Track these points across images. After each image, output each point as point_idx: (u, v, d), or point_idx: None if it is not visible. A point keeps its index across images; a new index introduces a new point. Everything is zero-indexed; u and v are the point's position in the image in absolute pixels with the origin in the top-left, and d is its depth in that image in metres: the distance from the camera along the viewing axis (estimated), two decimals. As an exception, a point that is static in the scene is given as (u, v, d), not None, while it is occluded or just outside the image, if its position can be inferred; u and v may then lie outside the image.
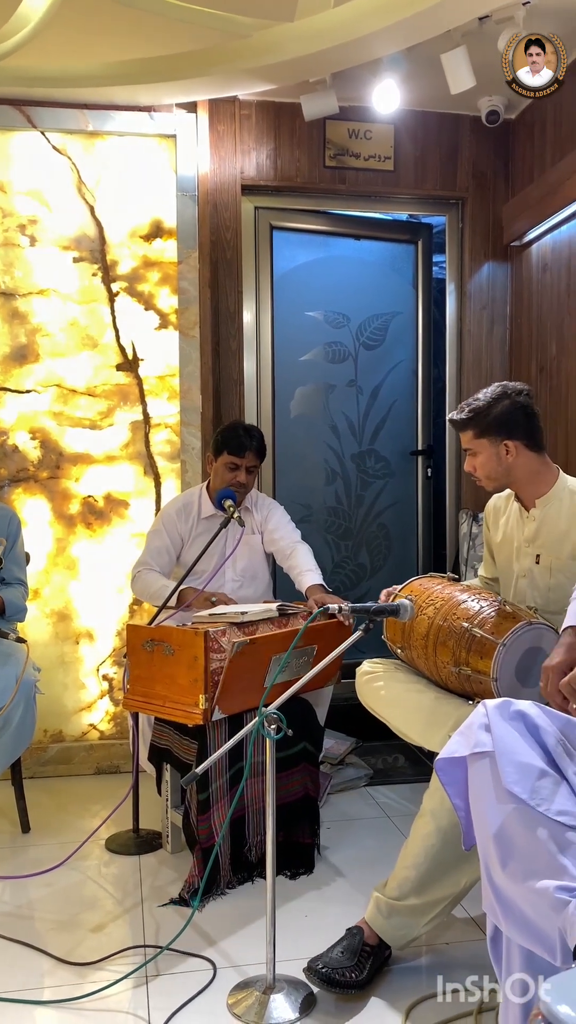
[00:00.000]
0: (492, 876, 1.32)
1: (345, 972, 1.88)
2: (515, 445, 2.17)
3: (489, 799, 1.34)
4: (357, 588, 3.98)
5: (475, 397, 2.22)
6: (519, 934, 1.27)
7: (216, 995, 1.91)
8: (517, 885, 1.26)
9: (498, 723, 1.38)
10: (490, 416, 2.17)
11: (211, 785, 2.34)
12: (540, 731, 1.37)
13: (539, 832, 1.26)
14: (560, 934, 1.18)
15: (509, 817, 1.30)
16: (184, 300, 3.35)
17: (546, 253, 3.45)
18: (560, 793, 1.30)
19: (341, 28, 2.73)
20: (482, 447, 2.20)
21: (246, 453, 2.84)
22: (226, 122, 3.49)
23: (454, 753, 1.44)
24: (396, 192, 3.72)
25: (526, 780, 1.30)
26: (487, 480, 2.24)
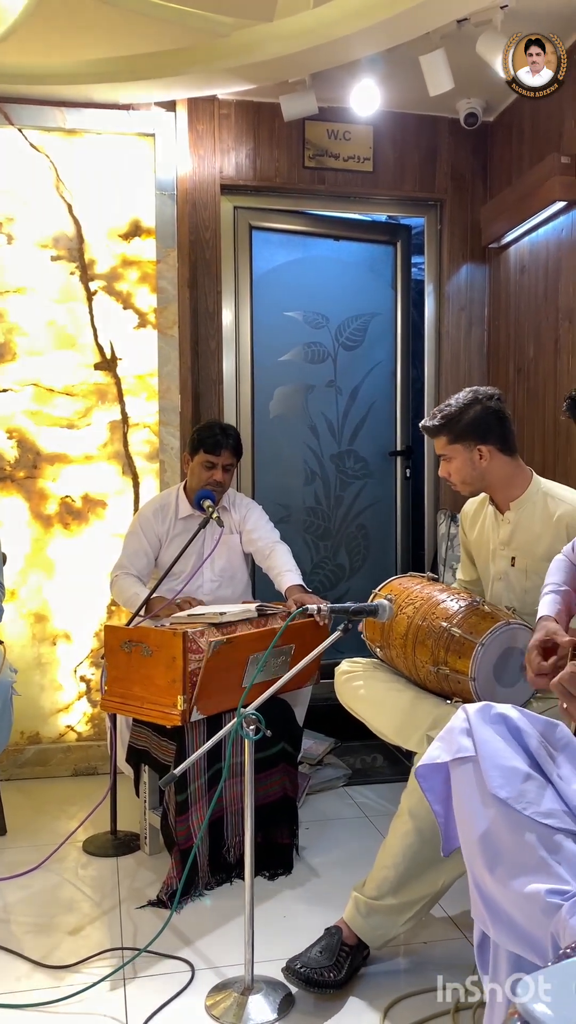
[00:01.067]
0: (479, 882, 1.32)
1: (323, 972, 1.88)
2: (488, 450, 2.18)
3: (474, 804, 1.33)
4: (336, 588, 3.99)
5: (447, 403, 2.23)
6: (508, 939, 1.27)
7: (194, 997, 1.90)
8: (506, 890, 1.26)
9: (480, 727, 1.37)
10: (463, 422, 2.18)
11: (189, 786, 2.33)
12: (522, 734, 1.37)
13: (527, 836, 1.26)
14: (552, 938, 1.17)
15: (495, 821, 1.29)
16: (163, 299, 3.34)
17: (524, 255, 3.47)
18: (546, 796, 1.29)
19: (320, 29, 2.73)
20: (456, 452, 2.21)
21: (222, 451, 2.83)
22: (205, 121, 3.49)
23: (435, 759, 1.43)
24: (375, 193, 3.73)
25: (511, 783, 1.30)
26: (462, 485, 2.25)
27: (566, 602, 1.73)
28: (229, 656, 2.33)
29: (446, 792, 1.44)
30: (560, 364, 3.17)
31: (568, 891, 1.18)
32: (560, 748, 1.37)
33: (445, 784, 1.44)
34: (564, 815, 1.27)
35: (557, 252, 3.18)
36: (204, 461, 2.84)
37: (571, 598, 1.75)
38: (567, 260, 3.10)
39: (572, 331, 3.07)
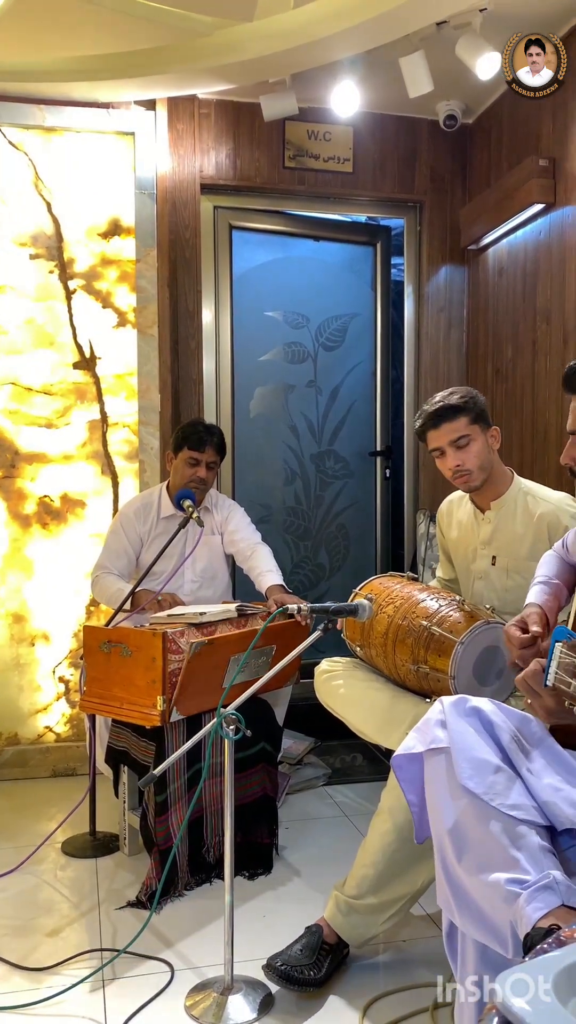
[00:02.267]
0: (447, 870, 1.34)
1: (303, 970, 1.89)
2: (497, 432, 2.22)
3: (444, 794, 1.36)
4: (316, 588, 3.99)
5: (451, 391, 2.21)
6: (473, 927, 1.29)
7: (174, 997, 1.90)
8: (471, 879, 1.28)
9: (454, 719, 1.39)
10: (478, 405, 2.20)
11: (169, 786, 2.32)
12: (495, 727, 1.39)
13: (492, 826, 1.28)
14: (511, 926, 1.20)
15: (464, 812, 1.32)
16: (142, 299, 3.33)
17: (502, 257, 3.49)
18: (514, 788, 1.31)
19: (300, 30, 2.74)
20: (477, 433, 2.17)
21: (206, 448, 2.83)
22: (185, 120, 3.48)
23: (411, 749, 1.45)
24: (355, 194, 3.74)
25: (481, 775, 1.32)
26: (479, 471, 2.18)
27: (554, 593, 1.74)
28: (210, 657, 2.33)
29: (421, 782, 1.46)
30: (538, 365, 3.19)
31: (527, 881, 1.20)
32: (534, 743, 1.39)
33: (420, 774, 1.46)
34: (530, 808, 1.29)
35: (535, 254, 3.20)
36: (188, 458, 2.84)
37: (560, 590, 1.76)
38: (544, 262, 3.13)
39: (550, 333, 3.10)
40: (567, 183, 2.94)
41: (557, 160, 3.01)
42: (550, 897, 1.16)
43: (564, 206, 2.97)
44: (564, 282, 2.98)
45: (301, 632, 2.61)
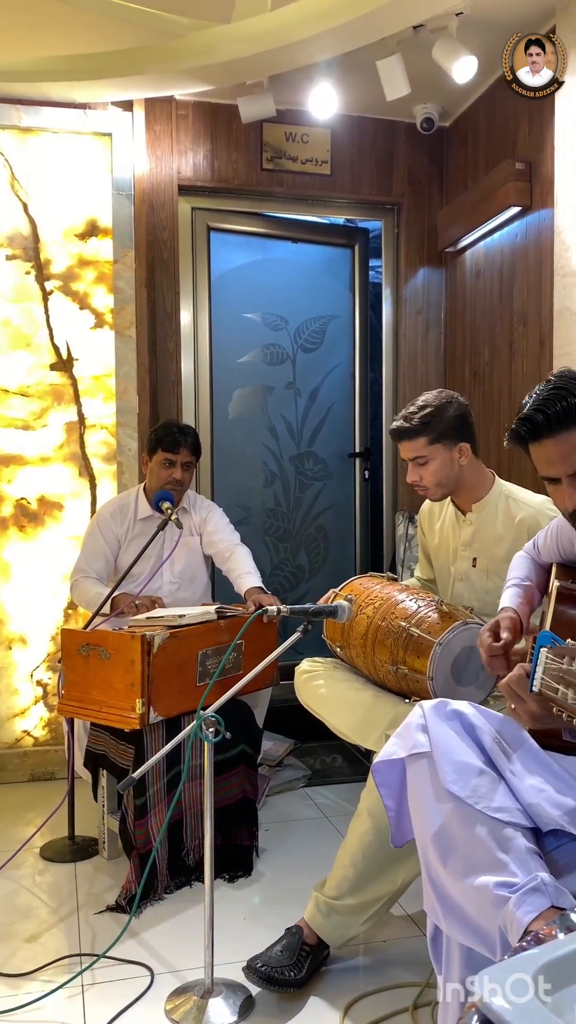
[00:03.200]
0: (432, 875, 1.33)
1: (284, 971, 1.89)
2: (467, 447, 2.19)
3: (428, 799, 1.35)
4: (295, 590, 4.00)
5: (420, 404, 2.18)
6: (460, 932, 1.29)
7: (154, 1001, 1.89)
8: (457, 883, 1.28)
9: (435, 723, 1.39)
10: (444, 421, 2.16)
11: (148, 790, 2.31)
12: (476, 730, 1.39)
13: (478, 830, 1.28)
14: (500, 931, 1.19)
15: (449, 816, 1.31)
16: (120, 300, 3.32)
17: (479, 260, 3.51)
18: (498, 791, 1.32)
19: (277, 32, 2.74)
20: (436, 453, 2.17)
21: (180, 449, 2.82)
22: (162, 122, 3.47)
23: (392, 755, 1.45)
24: (333, 196, 3.75)
25: (464, 779, 1.32)
26: (436, 488, 2.21)
27: (527, 596, 1.76)
28: (176, 652, 2.33)
29: (400, 788, 1.46)
30: (515, 367, 3.22)
31: (516, 884, 1.20)
32: (515, 745, 1.40)
33: (400, 780, 1.46)
34: (515, 810, 1.29)
35: (512, 257, 3.23)
36: (162, 460, 2.83)
37: (532, 593, 1.78)
38: (521, 265, 3.15)
39: (526, 335, 3.12)
40: (543, 186, 2.97)
41: (533, 163, 3.03)
42: (539, 899, 1.16)
43: (540, 209, 3.00)
44: (540, 285, 3.01)
45: (267, 628, 2.63)
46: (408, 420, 2.17)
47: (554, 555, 1.76)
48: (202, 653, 2.44)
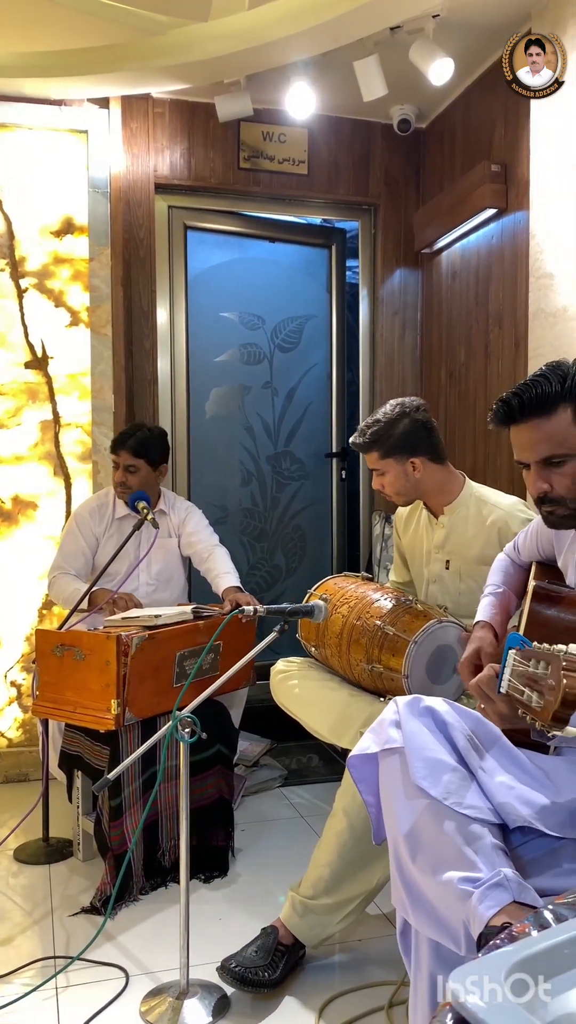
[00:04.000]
0: (402, 870, 1.34)
1: (258, 971, 1.88)
2: (420, 461, 2.20)
3: (399, 794, 1.36)
4: (272, 589, 3.99)
5: (374, 418, 2.22)
6: (427, 926, 1.30)
7: (128, 1003, 1.88)
8: (425, 878, 1.29)
9: (408, 719, 1.40)
10: (393, 437, 2.18)
11: (123, 791, 2.30)
12: (448, 727, 1.40)
13: (446, 826, 1.28)
14: (464, 925, 1.21)
15: (418, 812, 1.32)
16: (96, 298, 3.30)
17: (455, 261, 3.53)
18: (467, 787, 1.32)
19: (255, 31, 2.74)
20: (388, 467, 2.22)
21: (120, 451, 2.81)
22: (139, 119, 3.46)
23: (366, 750, 1.46)
24: (310, 196, 3.75)
25: (435, 775, 1.33)
26: (396, 496, 2.27)
27: (503, 604, 1.77)
28: (154, 653, 2.32)
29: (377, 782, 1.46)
30: (490, 368, 3.24)
31: (480, 879, 1.21)
32: (487, 742, 1.41)
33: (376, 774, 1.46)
34: (484, 807, 1.31)
35: (487, 258, 3.25)
36: (112, 462, 2.86)
37: (508, 599, 1.79)
38: (497, 267, 3.17)
39: (502, 336, 3.14)
40: (518, 188, 2.99)
41: (509, 166, 3.05)
42: (501, 895, 1.17)
43: (516, 211, 3.02)
44: (515, 287, 3.03)
45: (245, 628, 2.62)
46: (361, 435, 2.23)
47: (534, 555, 1.78)
48: (180, 655, 2.43)
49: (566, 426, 1.40)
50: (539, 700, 1.14)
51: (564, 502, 1.43)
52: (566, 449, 1.41)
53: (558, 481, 1.43)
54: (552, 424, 1.41)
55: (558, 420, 1.41)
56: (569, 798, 1.35)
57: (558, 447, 1.41)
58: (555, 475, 1.43)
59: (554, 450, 1.41)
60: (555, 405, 1.40)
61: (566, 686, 1.08)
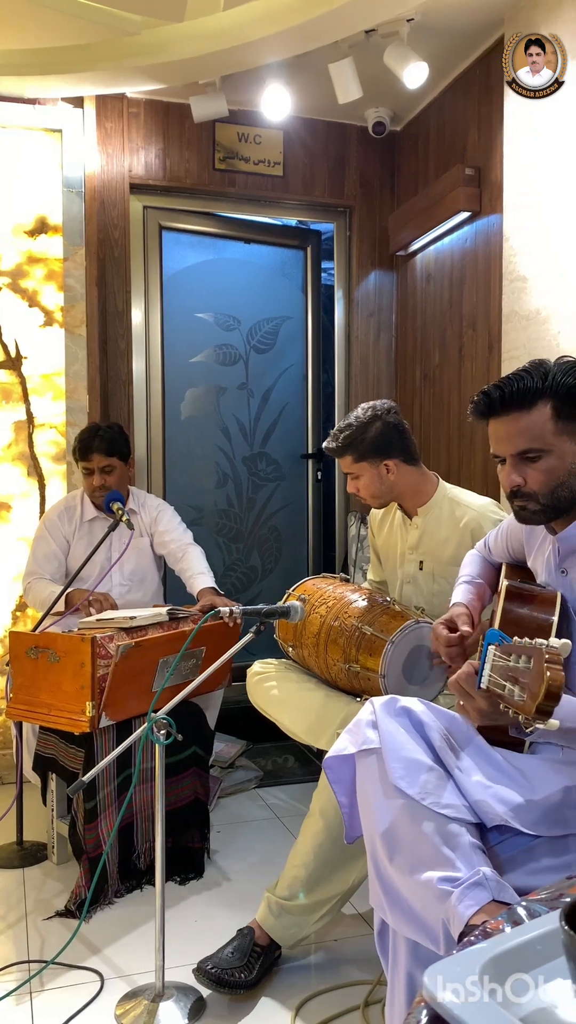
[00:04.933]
0: (380, 870, 1.35)
1: (234, 972, 1.88)
2: (394, 463, 2.21)
3: (377, 795, 1.37)
4: (248, 590, 3.99)
5: (347, 423, 2.23)
6: (405, 926, 1.30)
7: (103, 1006, 1.87)
8: (404, 878, 1.29)
9: (385, 720, 1.41)
10: (365, 441, 2.19)
11: (98, 793, 2.29)
12: (425, 727, 1.41)
13: (424, 826, 1.29)
14: (443, 924, 1.21)
15: (396, 812, 1.33)
16: (70, 298, 3.28)
17: (430, 264, 3.55)
18: (445, 787, 1.33)
19: (230, 32, 2.73)
20: (363, 470, 2.23)
21: (92, 456, 2.76)
22: (114, 119, 3.44)
23: (343, 751, 1.46)
24: (285, 197, 3.75)
25: (412, 775, 1.33)
26: (372, 499, 2.28)
27: (478, 592, 1.79)
28: (138, 660, 2.31)
29: (352, 783, 1.47)
30: (464, 370, 3.26)
31: (459, 878, 1.21)
32: (463, 742, 1.42)
33: (352, 775, 1.47)
34: (461, 806, 1.31)
35: (461, 261, 3.27)
36: (82, 469, 2.81)
37: (484, 589, 1.81)
38: (471, 269, 3.20)
39: (476, 339, 3.17)
40: (492, 192, 3.01)
41: (483, 169, 3.08)
42: (480, 894, 1.18)
43: (489, 214, 3.04)
44: (489, 289, 3.05)
45: (231, 634, 2.60)
46: (334, 439, 2.24)
47: (504, 555, 1.79)
48: (163, 661, 2.42)
49: (544, 422, 1.42)
50: (522, 694, 1.14)
51: (536, 497, 1.45)
52: (542, 444, 1.42)
53: (532, 476, 1.44)
54: (531, 418, 1.42)
55: (537, 415, 1.42)
56: (544, 796, 1.36)
57: (534, 441, 1.42)
58: (529, 470, 1.44)
59: (530, 444, 1.43)
60: (535, 400, 1.42)
61: (549, 679, 1.09)
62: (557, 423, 1.42)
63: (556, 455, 1.43)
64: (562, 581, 1.51)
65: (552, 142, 2.61)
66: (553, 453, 1.42)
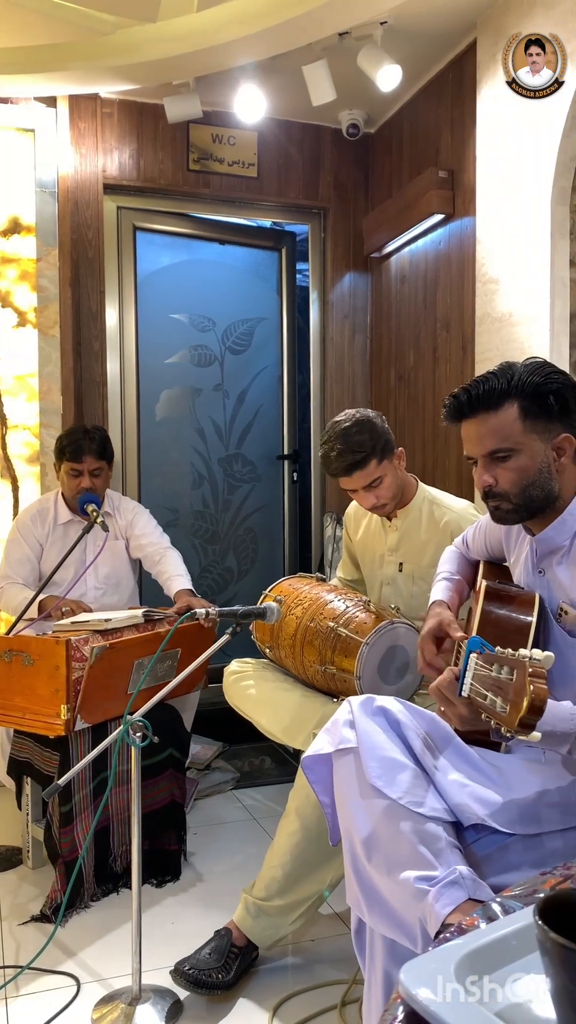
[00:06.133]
0: (358, 870, 1.35)
1: (212, 973, 1.88)
2: (401, 451, 2.22)
3: (354, 794, 1.37)
4: (225, 592, 3.99)
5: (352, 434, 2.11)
6: (383, 925, 1.31)
7: (80, 1011, 1.86)
8: (381, 877, 1.30)
9: (362, 719, 1.41)
10: (382, 438, 2.15)
11: (74, 796, 2.28)
12: (402, 726, 1.41)
13: (402, 825, 1.30)
14: (421, 923, 1.22)
15: (374, 812, 1.33)
16: (44, 298, 3.26)
17: (404, 266, 3.57)
18: (422, 786, 1.34)
19: (204, 33, 2.73)
20: (387, 470, 2.17)
21: (85, 458, 2.74)
22: (87, 119, 3.42)
23: (320, 750, 1.46)
24: (260, 199, 3.76)
25: (389, 775, 1.34)
26: (393, 500, 2.21)
27: (457, 589, 1.80)
28: (112, 662, 2.30)
29: (332, 783, 1.47)
30: (439, 372, 3.28)
31: (435, 877, 1.22)
32: (440, 741, 1.42)
33: (331, 775, 1.47)
34: (439, 806, 1.32)
35: (435, 263, 3.29)
36: (69, 470, 2.76)
37: (462, 586, 1.82)
38: (444, 271, 3.22)
39: (449, 340, 3.19)
40: (465, 195, 3.03)
41: (456, 172, 3.10)
42: (457, 892, 1.19)
43: (463, 217, 3.07)
44: (462, 291, 3.08)
45: (206, 635, 2.60)
46: (351, 454, 2.11)
47: (482, 552, 1.81)
48: (138, 663, 2.41)
49: (511, 422, 1.44)
50: (504, 705, 1.13)
51: (508, 497, 1.46)
52: (511, 444, 1.44)
53: (503, 476, 1.45)
54: (498, 419, 1.44)
55: (504, 415, 1.44)
56: (520, 795, 1.37)
57: (503, 441, 1.44)
58: (500, 469, 1.45)
59: (499, 444, 1.44)
60: (501, 401, 1.44)
61: (533, 693, 1.08)
62: (525, 422, 1.43)
63: (526, 454, 1.44)
64: (539, 581, 1.52)
65: (523, 145, 2.64)
66: (522, 452, 1.44)
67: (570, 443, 1.47)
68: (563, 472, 1.47)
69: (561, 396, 1.44)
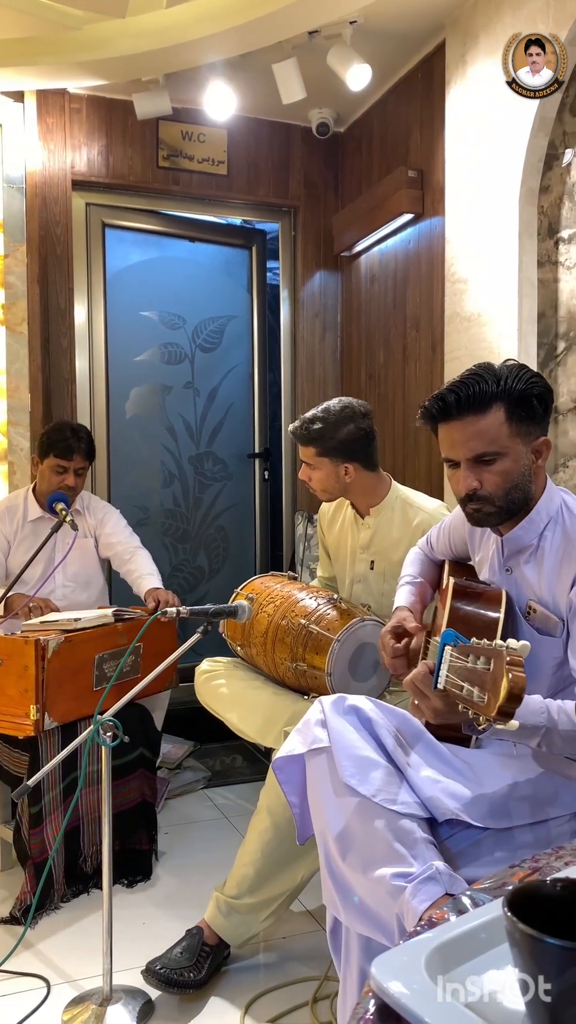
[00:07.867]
0: (332, 868, 1.35)
1: (184, 972, 1.88)
2: (354, 467, 2.22)
3: (328, 793, 1.37)
4: (195, 591, 3.98)
5: (320, 415, 2.20)
6: (359, 923, 1.31)
7: (50, 1013, 1.85)
8: (357, 875, 1.30)
9: (333, 718, 1.41)
10: (335, 439, 2.18)
11: (44, 797, 2.26)
12: (374, 724, 1.42)
13: (376, 823, 1.30)
14: (398, 919, 1.22)
15: (348, 810, 1.33)
16: (11, 295, 3.23)
17: (374, 265, 3.58)
18: (395, 784, 1.35)
19: (173, 30, 2.72)
20: (322, 464, 2.22)
21: (74, 456, 2.73)
22: (55, 114, 3.39)
23: (292, 751, 1.46)
24: (230, 197, 3.75)
25: (363, 773, 1.34)
26: (321, 492, 2.29)
27: (420, 593, 1.81)
28: (72, 656, 2.29)
29: (303, 784, 1.47)
30: (408, 371, 3.30)
31: (412, 874, 1.23)
32: (412, 739, 1.43)
33: (301, 775, 1.47)
34: (412, 802, 1.33)
35: (405, 263, 3.31)
36: (55, 466, 2.74)
37: (425, 589, 1.83)
38: (414, 271, 3.24)
39: (419, 339, 3.20)
40: (434, 195, 3.05)
41: (425, 172, 3.12)
42: (434, 888, 1.20)
43: (432, 217, 3.08)
44: (432, 291, 3.09)
45: (165, 628, 2.60)
46: (304, 427, 2.22)
47: (446, 552, 1.82)
48: (99, 657, 2.40)
49: (499, 425, 1.42)
50: (482, 695, 1.14)
51: (492, 500, 1.45)
52: (498, 447, 1.43)
53: (488, 479, 1.44)
54: (486, 421, 1.42)
55: (492, 418, 1.42)
56: (491, 789, 1.39)
57: (490, 444, 1.43)
58: (485, 473, 1.44)
59: (487, 447, 1.43)
60: (490, 403, 1.42)
61: (511, 680, 1.08)
62: (511, 426, 1.42)
63: (511, 457, 1.43)
64: (507, 579, 1.53)
65: (491, 146, 2.66)
66: (508, 456, 1.43)
67: (547, 446, 1.47)
68: (537, 474, 1.48)
69: (543, 400, 1.45)
